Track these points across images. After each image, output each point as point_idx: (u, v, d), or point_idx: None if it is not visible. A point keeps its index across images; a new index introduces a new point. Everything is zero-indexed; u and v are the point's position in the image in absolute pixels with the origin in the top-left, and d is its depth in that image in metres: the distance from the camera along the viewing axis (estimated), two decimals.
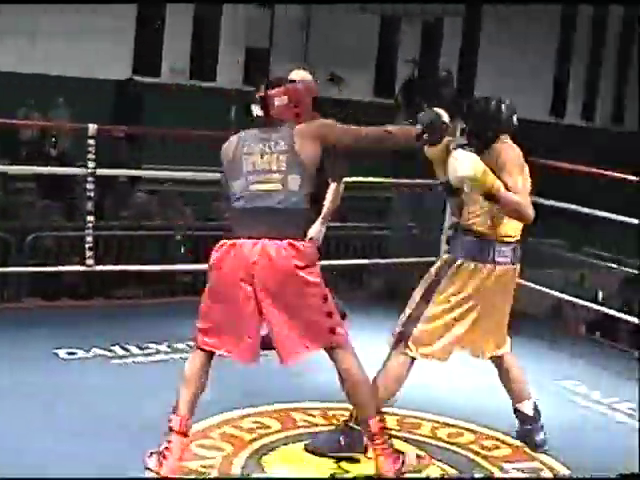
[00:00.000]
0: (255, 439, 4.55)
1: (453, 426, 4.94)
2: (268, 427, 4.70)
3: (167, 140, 11.39)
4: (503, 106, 4.53)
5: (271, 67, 15.75)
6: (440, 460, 4.49)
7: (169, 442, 4.09)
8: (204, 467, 4.22)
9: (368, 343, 4.62)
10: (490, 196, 4.32)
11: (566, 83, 20.14)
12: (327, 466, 4.32)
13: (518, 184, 4.33)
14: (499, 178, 4.32)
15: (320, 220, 5.03)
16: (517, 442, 4.76)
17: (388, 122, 5.08)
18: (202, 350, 4.16)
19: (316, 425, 4.76)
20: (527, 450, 4.70)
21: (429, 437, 4.79)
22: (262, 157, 4.14)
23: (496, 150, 4.45)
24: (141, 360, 5.80)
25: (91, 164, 6.37)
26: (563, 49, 19.94)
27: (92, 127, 6.34)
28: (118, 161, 9.91)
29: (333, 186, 5.11)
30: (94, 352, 5.81)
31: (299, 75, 4.89)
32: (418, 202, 7.37)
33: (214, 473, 4.16)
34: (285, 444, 4.54)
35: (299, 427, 4.75)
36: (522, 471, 4.48)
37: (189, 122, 9.81)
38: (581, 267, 10.10)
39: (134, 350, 5.93)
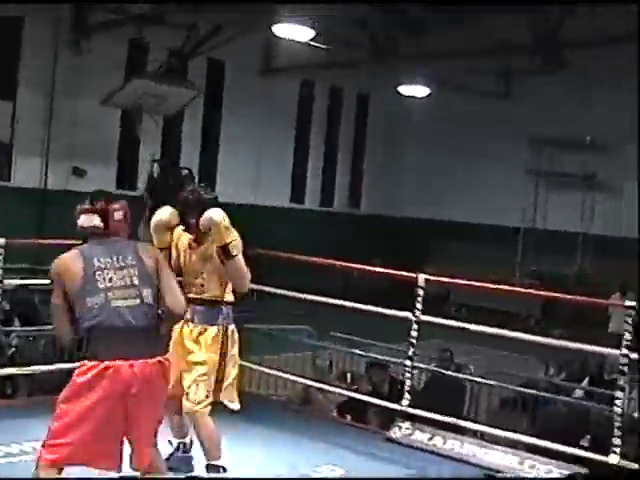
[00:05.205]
0: None
1: None
2: None
3: None
4: None
5: (14, 160, 15.55)
6: None
7: None
8: None
9: None
10: (227, 251, 5.07)
11: (304, 174, 20.94)
12: None
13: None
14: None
15: None
16: None
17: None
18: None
19: None
20: None
21: None
22: (116, 272, 4.21)
23: None
24: None
25: None
26: (301, 143, 20.76)
27: None
28: None
29: None
30: None
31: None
32: None
33: None
34: None
35: None
36: None
37: None
38: (328, 351, 10.24)
39: None
